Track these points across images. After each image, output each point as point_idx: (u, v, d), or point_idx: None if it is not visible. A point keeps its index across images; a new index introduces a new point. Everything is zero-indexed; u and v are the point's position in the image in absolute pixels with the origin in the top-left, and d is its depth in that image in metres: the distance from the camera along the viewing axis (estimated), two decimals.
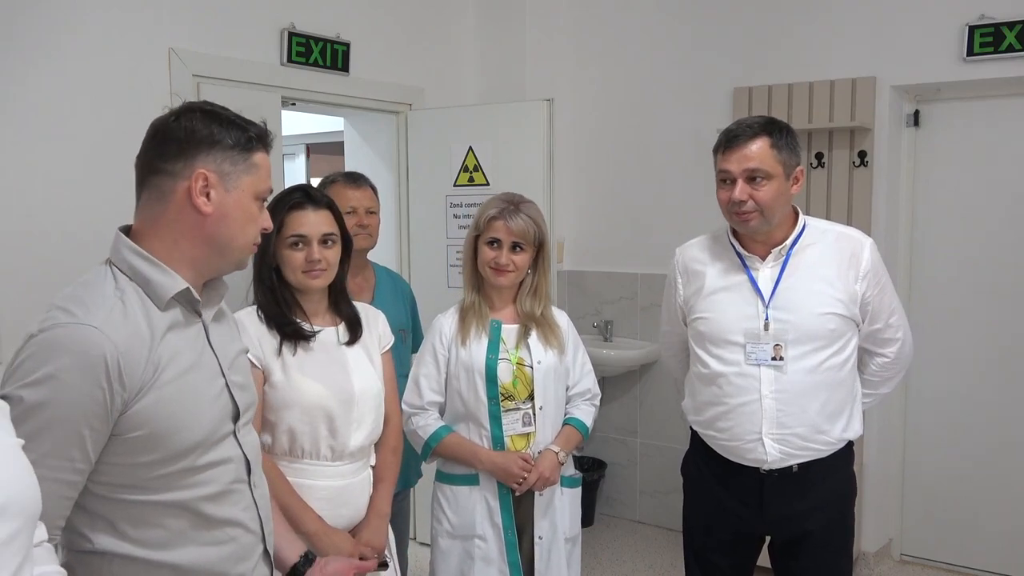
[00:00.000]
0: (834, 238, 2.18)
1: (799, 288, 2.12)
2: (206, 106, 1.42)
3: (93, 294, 1.31)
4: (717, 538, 2.30)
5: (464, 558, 2.28)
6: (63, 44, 2.63)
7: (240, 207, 1.39)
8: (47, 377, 1.21)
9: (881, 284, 2.16)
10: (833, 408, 2.13)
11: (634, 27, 4.17)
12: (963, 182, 3.59)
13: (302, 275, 1.95)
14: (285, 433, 1.89)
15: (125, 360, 1.25)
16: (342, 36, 3.50)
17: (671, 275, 2.37)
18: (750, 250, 2.19)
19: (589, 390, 2.43)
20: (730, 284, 2.19)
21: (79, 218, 2.69)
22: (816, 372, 2.10)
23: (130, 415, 1.27)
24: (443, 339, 2.31)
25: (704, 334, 2.20)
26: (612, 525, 4.32)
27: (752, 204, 2.06)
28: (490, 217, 2.27)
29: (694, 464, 2.36)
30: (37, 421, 1.21)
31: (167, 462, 1.32)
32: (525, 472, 2.23)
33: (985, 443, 3.61)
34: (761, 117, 2.15)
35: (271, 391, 1.88)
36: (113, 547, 1.32)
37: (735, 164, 2.07)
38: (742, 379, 2.13)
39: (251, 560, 1.46)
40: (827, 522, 2.21)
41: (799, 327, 2.09)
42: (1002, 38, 3.26)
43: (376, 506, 2.03)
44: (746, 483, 2.18)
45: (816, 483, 2.16)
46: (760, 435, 2.11)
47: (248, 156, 1.39)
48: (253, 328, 1.92)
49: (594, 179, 4.35)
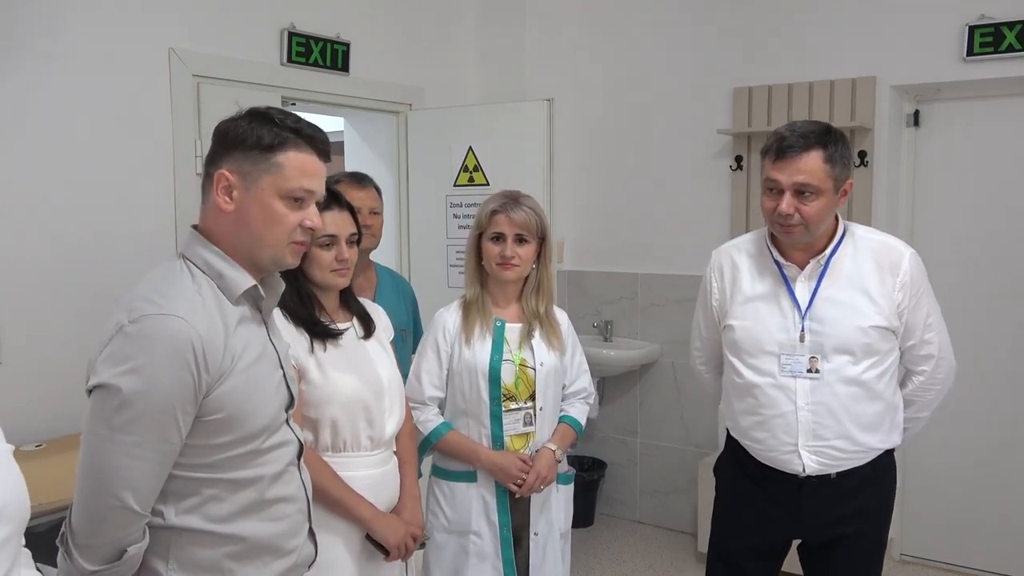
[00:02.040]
0: (874, 247, 2.12)
1: (837, 299, 2.07)
2: (259, 109, 1.46)
3: (174, 286, 1.38)
4: (749, 542, 2.25)
5: (459, 553, 2.30)
6: (63, 44, 2.64)
7: (260, 205, 1.42)
8: (142, 366, 1.29)
9: (918, 297, 2.10)
10: (869, 421, 2.09)
11: (634, 27, 4.17)
12: (963, 182, 3.59)
13: (331, 274, 1.98)
14: (328, 428, 1.94)
15: (208, 348, 1.34)
16: (342, 36, 3.50)
17: (706, 277, 2.30)
18: (789, 257, 2.13)
19: (584, 389, 2.45)
20: (767, 293, 2.14)
21: (79, 218, 2.70)
22: (853, 384, 2.06)
23: (211, 399, 1.36)
24: (446, 335, 2.32)
25: (738, 343, 2.16)
26: (612, 525, 4.32)
27: (798, 218, 2.00)
28: (492, 212, 2.28)
29: (729, 466, 2.31)
30: (136, 408, 1.29)
31: (238, 443, 1.41)
32: (524, 473, 2.25)
33: (985, 443, 3.62)
34: (816, 125, 2.05)
35: (309, 388, 1.92)
36: (184, 522, 1.40)
37: (785, 176, 1.99)
38: (777, 391, 2.09)
39: (300, 536, 1.55)
40: (864, 528, 2.17)
41: (836, 339, 2.05)
42: (1002, 38, 3.26)
43: (408, 489, 2.10)
44: (784, 488, 2.14)
45: (855, 490, 2.12)
46: (796, 447, 2.08)
47: (270, 156, 1.41)
48: (283, 327, 1.93)
49: (594, 179, 4.36)
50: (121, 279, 2.42)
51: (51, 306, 2.63)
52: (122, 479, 1.30)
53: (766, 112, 3.77)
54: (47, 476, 2.26)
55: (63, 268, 2.67)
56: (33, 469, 2.35)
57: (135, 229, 2.82)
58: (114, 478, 1.30)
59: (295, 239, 1.46)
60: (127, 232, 2.80)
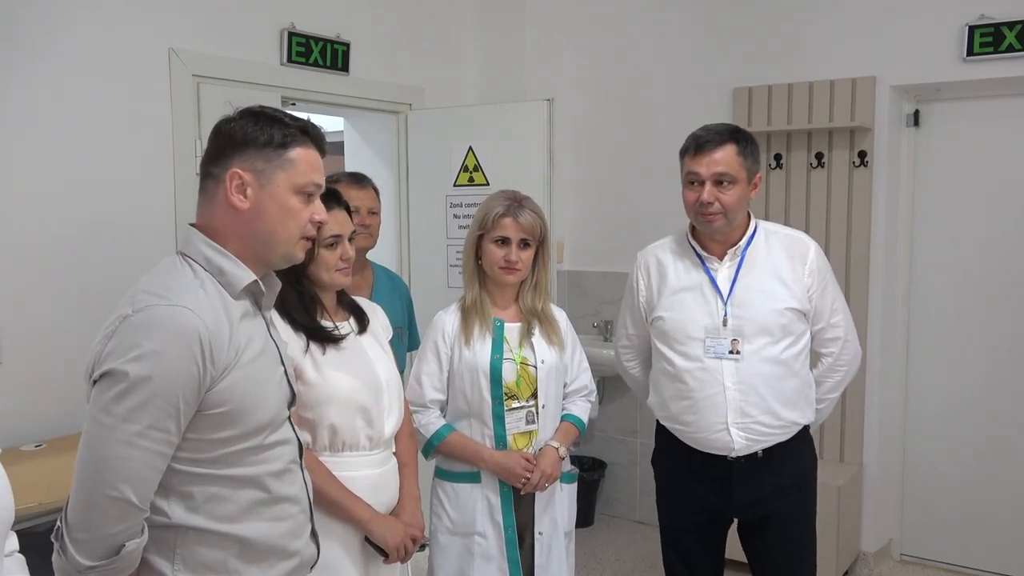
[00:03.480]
0: (782, 238, 2.35)
1: (754, 286, 2.27)
2: (257, 108, 1.48)
3: (177, 280, 1.39)
4: (691, 523, 2.43)
5: (464, 554, 2.29)
6: (63, 44, 2.64)
7: (276, 201, 1.44)
8: (150, 353, 1.29)
9: (824, 283, 2.32)
10: (789, 396, 2.28)
11: (634, 27, 4.17)
12: (963, 182, 3.59)
13: (336, 274, 1.98)
14: (327, 428, 1.93)
15: (214, 339, 1.34)
16: (342, 36, 3.50)
17: (632, 277, 2.49)
18: (708, 250, 2.34)
19: (586, 386, 2.45)
20: (691, 283, 2.33)
21: (79, 218, 2.70)
22: (774, 363, 2.26)
23: (215, 392, 1.36)
24: (445, 337, 2.32)
25: (668, 332, 2.34)
26: (612, 525, 4.32)
27: (718, 206, 2.21)
28: (498, 215, 2.27)
29: (662, 457, 2.50)
30: (141, 394, 1.28)
31: (241, 439, 1.41)
32: (528, 472, 2.25)
33: (985, 443, 3.62)
34: (727, 125, 2.33)
35: (306, 389, 1.90)
36: (187, 520, 1.39)
37: (704, 168, 2.23)
38: (705, 373, 2.27)
39: (304, 537, 1.56)
40: (792, 500, 2.35)
41: (755, 321, 2.25)
42: (1002, 38, 3.26)
43: (408, 490, 2.09)
44: (714, 471, 2.32)
45: (780, 465, 2.31)
46: (726, 425, 2.25)
47: (283, 152, 1.44)
48: (280, 328, 1.92)
49: (594, 179, 4.36)
50: (121, 279, 2.42)
51: (51, 306, 2.63)
52: (121, 469, 1.29)
53: (766, 112, 3.77)
54: (46, 476, 2.26)
55: (63, 268, 2.67)
56: (33, 469, 2.37)
57: (135, 229, 2.82)
58: (113, 468, 1.29)
59: (306, 234, 1.50)
60: (127, 232, 2.80)
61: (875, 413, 3.71)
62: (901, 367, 3.76)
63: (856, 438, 3.71)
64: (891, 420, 3.77)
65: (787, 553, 2.39)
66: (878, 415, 3.71)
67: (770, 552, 2.39)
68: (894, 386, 3.75)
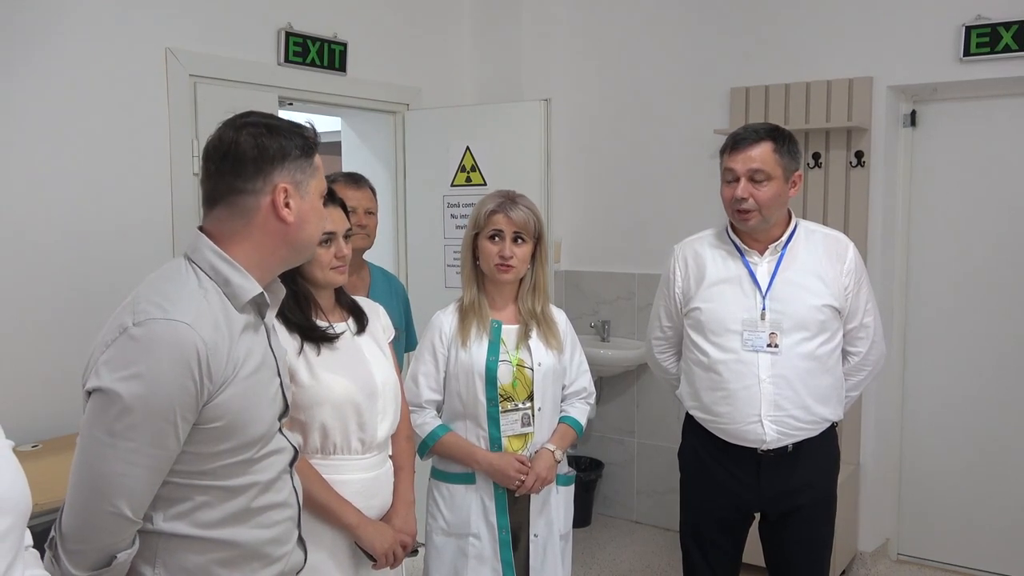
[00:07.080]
0: (822, 237, 2.40)
1: (794, 281, 2.31)
2: (263, 119, 1.47)
3: (179, 289, 1.37)
4: (716, 516, 2.46)
5: (458, 556, 2.29)
6: (60, 44, 2.63)
7: (314, 209, 1.49)
8: (144, 372, 1.28)
9: (860, 283, 2.37)
10: (822, 392, 2.32)
11: (631, 27, 4.17)
12: (960, 182, 3.59)
13: (331, 271, 1.97)
14: (318, 431, 1.91)
15: (212, 355, 1.33)
16: (339, 36, 3.50)
17: (668, 268, 2.50)
18: (748, 245, 2.37)
19: (585, 389, 2.44)
20: (730, 276, 2.36)
21: (76, 217, 2.69)
22: (809, 359, 2.29)
23: (212, 407, 1.35)
24: (443, 338, 2.32)
25: (704, 323, 2.36)
26: (609, 525, 4.32)
27: (752, 203, 2.25)
28: (490, 211, 2.28)
29: (691, 448, 2.50)
30: (136, 414, 1.28)
31: (235, 452, 1.40)
32: (522, 475, 2.24)
33: (983, 443, 3.62)
34: (767, 124, 2.37)
35: (299, 391, 1.88)
36: (172, 528, 1.39)
37: (740, 164, 2.25)
38: (741, 365, 2.30)
39: (290, 543, 1.55)
40: (816, 495, 2.40)
41: (793, 316, 2.28)
42: (998, 38, 3.26)
43: (402, 494, 2.07)
44: (744, 463, 2.35)
45: (807, 461, 2.35)
46: (760, 417, 2.28)
47: (311, 161, 1.48)
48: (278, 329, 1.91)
49: (591, 179, 4.36)
50: (118, 279, 2.43)
51: (48, 306, 2.63)
52: (119, 486, 1.29)
53: (763, 112, 3.77)
54: (43, 476, 2.26)
55: (59, 268, 2.66)
56: (29, 469, 2.35)
57: (132, 229, 2.82)
58: (111, 485, 1.29)
59: None
60: (124, 232, 2.80)
61: (872, 413, 3.71)
62: (898, 367, 3.76)
63: (853, 438, 3.71)
64: (888, 420, 3.77)
65: (807, 548, 2.43)
66: (875, 415, 3.71)
67: (791, 546, 2.43)
68: (891, 386, 3.76)
